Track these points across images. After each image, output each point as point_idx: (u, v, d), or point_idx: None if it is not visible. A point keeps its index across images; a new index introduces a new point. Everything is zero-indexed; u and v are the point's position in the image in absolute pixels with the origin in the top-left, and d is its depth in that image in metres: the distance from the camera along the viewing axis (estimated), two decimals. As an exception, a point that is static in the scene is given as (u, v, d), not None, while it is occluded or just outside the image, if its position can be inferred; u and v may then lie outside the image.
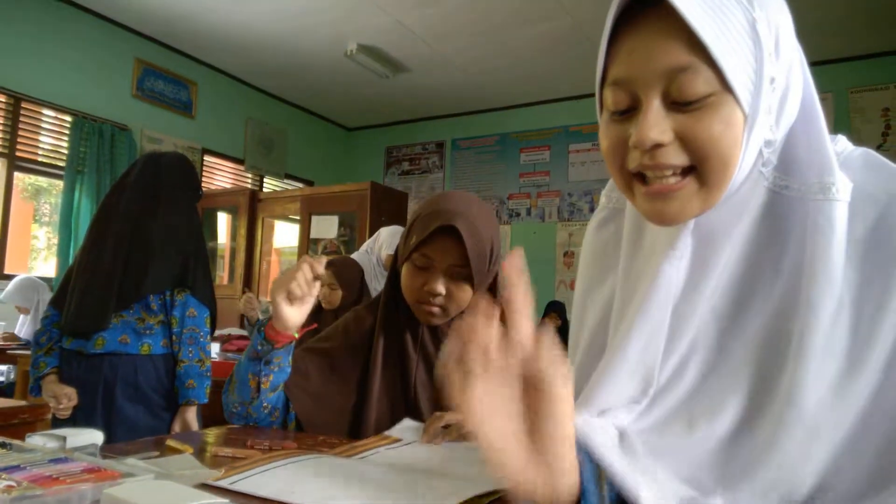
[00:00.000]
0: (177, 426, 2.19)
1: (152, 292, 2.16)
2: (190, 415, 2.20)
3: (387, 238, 3.73)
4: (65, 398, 2.08)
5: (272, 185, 6.95)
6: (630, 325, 0.66)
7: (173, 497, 0.66)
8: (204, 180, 6.10)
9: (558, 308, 5.54)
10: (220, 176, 6.41)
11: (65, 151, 4.90)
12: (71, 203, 4.82)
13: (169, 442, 1.04)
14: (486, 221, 1.23)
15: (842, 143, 0.67)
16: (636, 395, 0.66)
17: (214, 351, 3.53)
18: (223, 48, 5.70)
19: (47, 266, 5.40)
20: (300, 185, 7.04)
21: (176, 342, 2.18)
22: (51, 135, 4.93)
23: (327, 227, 5.77)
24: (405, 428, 1.21)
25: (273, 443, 1.09)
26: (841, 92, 5.39)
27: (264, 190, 6.76)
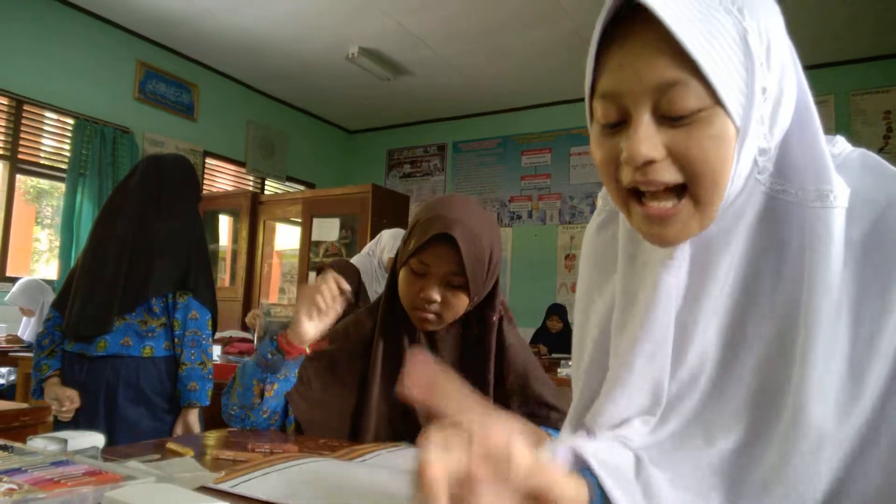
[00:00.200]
0: (178, 429, 2.19)
1: (155, 295, 2.17)
2: (192, 417, 2.20)
3: (389, 241, 3.73)
4: (67, 401, 2.08)
5: (273, 188, 6.96)
6: (634, 338, 0.65)
7: (174, 500, 0.66)
8: (205, 183, 6.11)
9: (559, 311, 5.54)
10: (222, 178, 6.42)
11: (67, 154, 4.91)
12: (73, 205, 4.83)
13: (170, 445, 1.04)
14: (486, 228, 1.22)
15: (840, 145, 0.66)
16: (648, 407, 0.65)
17: (216, 353, 3.53)
18: (225, 51, 5.71)
19: (49, 268, 5.41)
20: (301, 188, 7.05)
21: (178, 345, 2.19)
22: (53, 137, 4.94)
23: (329, 230, 5.78)
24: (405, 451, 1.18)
25: (274, 446, 1.09)
26: (842, 94, 5.39)
27: (266, 192, 6.76)
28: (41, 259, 5.70)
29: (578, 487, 0.54)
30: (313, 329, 1.17)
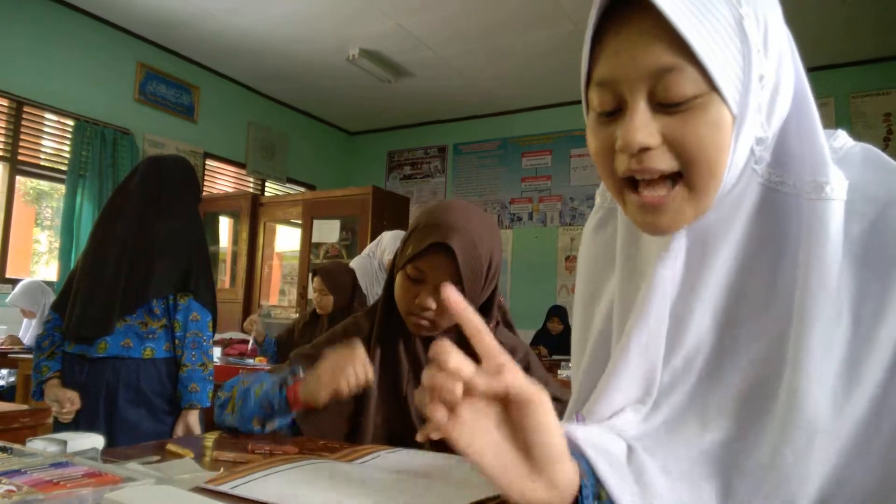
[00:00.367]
0: (179, 430, 2.19)
1: (155, 297, 2.17)
2: (192, 418, 2.20)
3: (389, 242, 3.73)
4: (68, 402, 2.08)
5: (274, 190, 6.96)
6: (630, 330, 0.65)
7: (173, 502, 0.66)
8: (206, 184, 6.11)
9: (560, 313, 5.54)
10: (222, 180, 6.42)
11: (67, 155, 4.91)
12: (73, 207, 4.83)
13: (169, 446, 1.04)
14: (486, 235, 1.20)
15: (841, 139, 0.66)
16: (640, 396, 0.65)
17: (216, 355, 3.53)
18: (225, 52, 5.72)
19: (49, 270, 5.41)
20: (302, 190, 7.05)
21: (179, 346, 2.19)
22: (53, 139, 4.94)
23: (329, 232, 5.78)
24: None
25: (274, 448, 1.09)
26: (842, 97, 5.39)
27: (266, 194, 6.76)
28: (41, 260, 5.70)
29: (572, 469, 0.55)
30: (327, 396, 1.14)
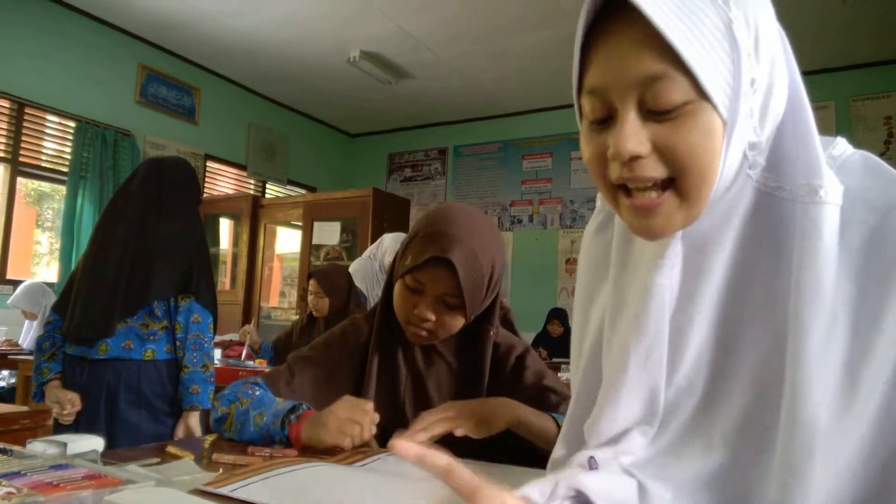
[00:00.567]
0: (180, 431, 2.18)
1: (157, 298, 2.16)
2: (193, 420, 2.20)
3: (390, 244, 3.73)
4: (68, 404, 2.08)
5: (274, 191, 6.96)
6: (626, 344, 0.63)
7: (174, 504, 0.66)
8: (207, 186, 6.12)
9: (560, 315, 5.54)
10: (223, 182, 6.42)
11: (68, 157, 4.91)
12: (74, 208, 4.84)
13: (169, 448, 1.04)
14: (487, 244, 1.18)
15: (840, 147, 0.65)
16: (645, 416, 0.63)
17: (216, 357, 3.53)
18: (226, 54, 5.72)
19: (49, 271, 5.41)
20: (302, 192, 7.05)
21: (180, 348, 2.18)
22: (54, 140, 4.95)
23: (329, 234, 5.78)
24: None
25: (274, 450, 1.08)
26: (842, 100, 5.39)
27: (266, 196, 6.77)
28: (41, 262, 5.70)
29: None
30: (330, 445, 1.08)
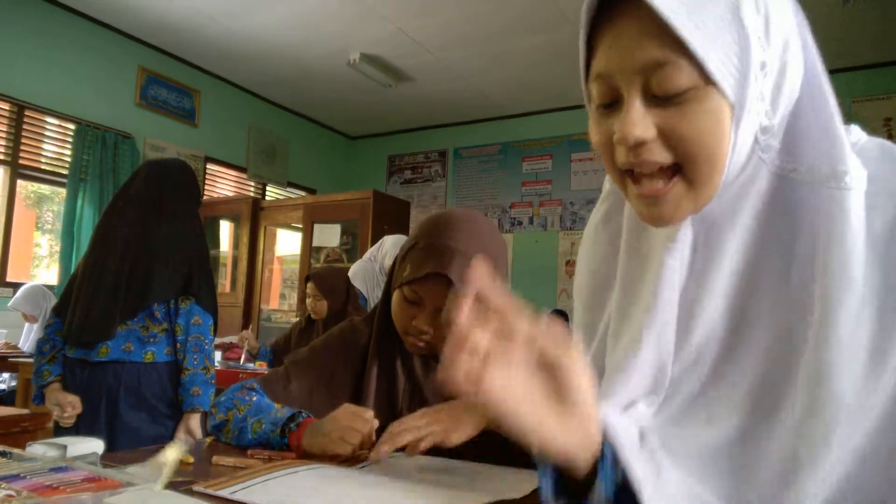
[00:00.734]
0: (180, 434, 2.18)
1: (157, 301, 2.16)
2: (194, 422, 2.20)
3: (391, 247, 3.73)
4: (69, 406, 2.08)
5: (274, 194, 6.96)
6: (639, 323, 0.63)
7: (174, 507, 0.66)
8: (206, 188, 6.12)
9: (560, 316, 5.53)
10: (223, 184, 6.42)
11: (68, 159, 4.91)
12: (74, 211, 4.83)
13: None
14: (488, 252, 1.17)
15: (856, 133, 0.64)
16: (653, 387, 0.63)
17: (216, 359, 3.53)
18: (226, 57, 5.72)
19: (49, 274, 5.41)
20: (302, 194, 7.05)
21: (181, 350, 2.18)
22: (54, 143, 4.94)
23: (329, 236, 5.78)
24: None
25: (273, 453, 1.08)
26: (843, 101, 5.36)
27: (267, 198, 6.76)
28: (41, 264, 5.70)
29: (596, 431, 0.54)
30: (331, 453, 1.07)
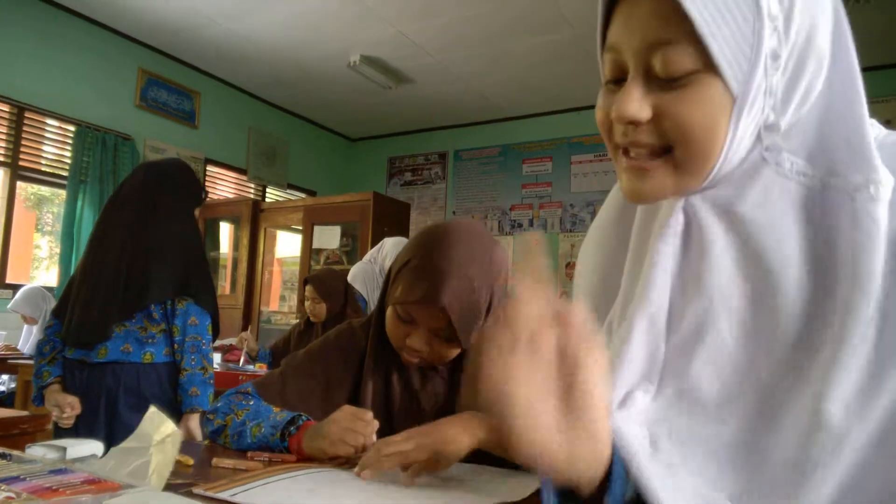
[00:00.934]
0: (180, 434, 2.18)
1: (154, 302, 2.16)
2: (193, 423, 2.19)
3: (391, 249, 3.73)
4: (68, 407, 2.08)
5: (274, 195, 6.96)
6: (633, 313, 0.63)
7: (174, 509, 0.65)
8: (207, 190, 6.11)
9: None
10: (223, 186, 6.42)
11: (68, 161, 4.91)
12: (73, 212, 4.83)
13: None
14: (485, 269, 1.13)
15: (875, 127, 0.62)
16: (647, 374, 0.62)
17: (216, 360, 3.53)
18: (226, 59, 5.73)
19: (49, 275, 5.41)
20: (302, 196, 7.05)
21: (178, 350, 2.18)
22: (54, 144, 4.94)
23: (329, 238, 5.78)
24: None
25: (273, 455, 1.08)
26: (843, 104, 5.39)
27: (267, 200, 6.76)
28: (41, 266, 5.70)
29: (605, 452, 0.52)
30: (331, 456, 1.06)
